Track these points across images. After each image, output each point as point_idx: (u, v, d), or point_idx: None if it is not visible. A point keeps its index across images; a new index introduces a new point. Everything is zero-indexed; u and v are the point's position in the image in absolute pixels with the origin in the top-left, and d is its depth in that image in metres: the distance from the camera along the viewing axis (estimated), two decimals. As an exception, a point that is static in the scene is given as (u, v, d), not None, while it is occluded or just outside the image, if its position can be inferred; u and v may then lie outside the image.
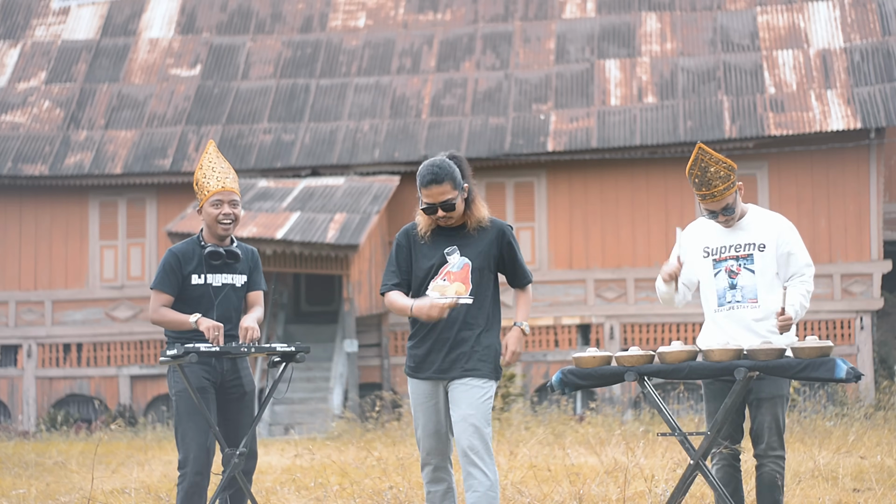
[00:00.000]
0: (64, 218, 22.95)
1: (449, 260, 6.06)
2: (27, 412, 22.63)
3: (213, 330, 6.45)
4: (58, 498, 9.99)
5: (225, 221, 6.66)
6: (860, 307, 20.91)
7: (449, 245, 6.07)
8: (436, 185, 5.97)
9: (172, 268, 6.61)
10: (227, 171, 6.75)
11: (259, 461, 11.60)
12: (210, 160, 6.71)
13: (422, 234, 6.10)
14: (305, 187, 21.80)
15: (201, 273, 6.65)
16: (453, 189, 6.00)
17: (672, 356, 6.10)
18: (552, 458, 11.99)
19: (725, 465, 6.48)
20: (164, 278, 6.61)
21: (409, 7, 24.09)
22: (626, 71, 22.33)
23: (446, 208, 5.99)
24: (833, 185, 21.21)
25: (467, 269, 6.03)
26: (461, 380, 5.99)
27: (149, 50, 24.23)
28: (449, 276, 6.04)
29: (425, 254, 6.09)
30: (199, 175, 6.70)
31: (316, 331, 22.17)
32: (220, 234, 6.69)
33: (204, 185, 6.66)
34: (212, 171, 6.68)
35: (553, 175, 21.87)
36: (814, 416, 16.26)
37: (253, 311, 6.79)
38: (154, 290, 6.62)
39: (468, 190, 6.09)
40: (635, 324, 21.43)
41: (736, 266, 6.39)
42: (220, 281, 6.70)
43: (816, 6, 22.54)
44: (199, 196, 6.70)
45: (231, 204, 6.67)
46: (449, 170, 6.00)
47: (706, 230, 6.52)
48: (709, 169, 6.26)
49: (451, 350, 6.01)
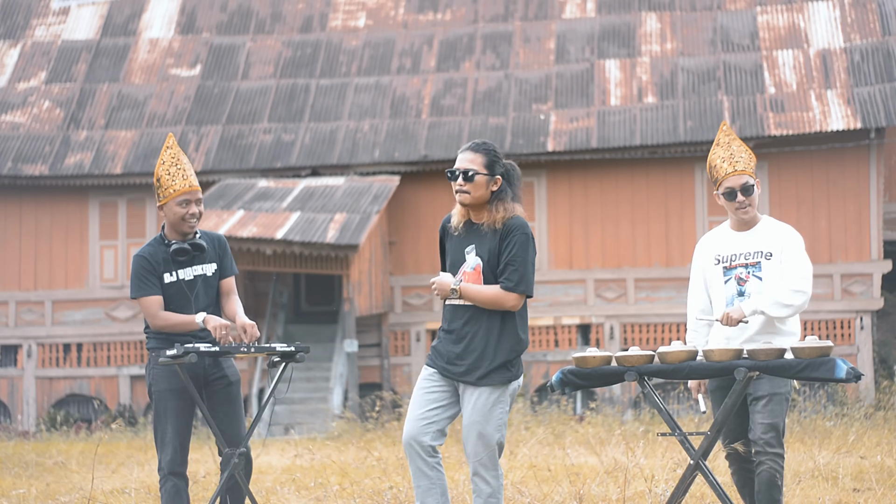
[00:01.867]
0: (64, 218, 22.95)
1: (467, 258, 6.01)
2: (27, 412, 22.63)
3: (222, 329, 6.42)
4: (58, 498, 9.98)
5: (192, 220, 6.63)
6: (860, 307, 20.91)
7: (469, 243, 6.01)
8: (469, 152, 5.97)
9: (146, 270, 6.57)
10: (190, 167, 6.68)
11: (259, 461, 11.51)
12: (173, 156, 6.63)
13: (455, 225, 6.05)
14: (305, 187, 21.80)
15: (171, 271, 6.62)
16: (482, 165, 5.94)
17: (672, 356, 6.10)
18: (552, 458, 11.99)
19: (738, 467, 6.46)
20: (144, 282, 6.55)
21: (409, 7, 24.09)
22: (626, 71, 22.33)
23: (466, 177, 5.92)
24: (833, 185, 21.21)
25: (479, 269, 5.96)
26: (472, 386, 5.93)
27: (149, 50, 24.22)
28: (465, 275, 5.98)
29: (455, 247, 6.05)
30: (162, 171, 6.60)
31: (316, 331, 22.16)
32: (185, 232, 6.66)
33: (169, 184, 6.58)
34: (176, 168, 6.60)
35: (553, 175, 21.87)
36: (814, 416, 16.26)
37: (237, 304, 6.74)
38: (140, 299, 6.55)
39: (500, 185, 5.98)
40: (635, 324, 21.43)
41: (745, 273, 6.40)
42: (191, 274, 6.66)
43: (816, 6, 22.53)
44: (161, 194, 6.60)
45: (197, 202, 6.64)
46: (489, 147, 5.99)
47: (718, 239, 6.56)
48: (732, 144, 6.44)
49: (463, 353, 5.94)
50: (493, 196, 5.97)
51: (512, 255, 5.90)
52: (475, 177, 5.93)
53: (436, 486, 5.91)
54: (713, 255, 6.52)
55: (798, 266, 6.32)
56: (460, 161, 5.97)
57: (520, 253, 5.91)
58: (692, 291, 6.62)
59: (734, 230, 6.52)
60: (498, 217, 5.94)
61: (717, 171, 6.42)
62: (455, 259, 6.03)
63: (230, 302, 6.76)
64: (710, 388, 6.53)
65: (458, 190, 5.95)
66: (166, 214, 6.63)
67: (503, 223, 5.94)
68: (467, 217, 6.03)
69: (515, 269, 5.89)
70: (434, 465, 5.93)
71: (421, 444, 5.89)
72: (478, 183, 5.93)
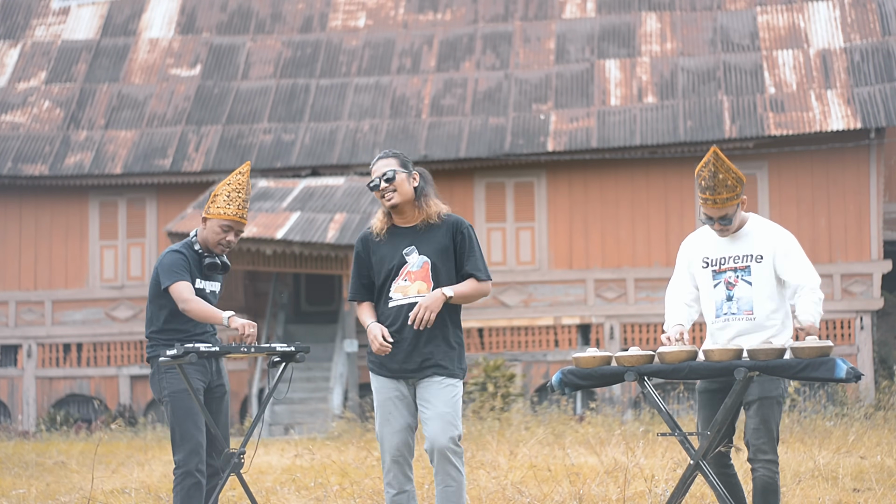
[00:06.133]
0: (64, 218, 22.95)
1: (408, 259, 6.13)
2: (27, 412, 22.63)
3: (249, 327, 6.47)
4: (58, 498, 9.99)
5: (225, 246, 6.78)
6: (860, 307, 20.91)
7: (406, 244, 6.15)
8: (381, 160, 6.18)
9: (183, 265, 6.68)
10: (248, 201, 6.83)
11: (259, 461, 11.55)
12: (240, 183, 6.76)
13: (377, 232, 6.20)
14: (305, 187, 21.80)
15: (198, 279, 6.75)
16: (398, 165, 6.16)
17: (672, 356, 6.09)
18: (552, 458, 11.99)
19: (716, 472, 6.41)
20: (181, 270, 6.65)
21: (409, 7, 24.09)
22: (626, 71, 22.33)
23: (387, 179, 6.10)
24: (833, 185, 21.21)
25: (427, 267, 6.10)
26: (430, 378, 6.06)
27: (149, 50, 24.23)
28: (409, 275, 6.12)
29: (384, 255, 6.17)
30: (223, 192, 6.74)
31: (316, 331, 22.17)
32: (215, 253, 6.81)
33: (223, 206, 6.71)
34: (237, 194, 6.74)
35: (553, 175, 21.87)
36: (814, 416, 16.26)
37: None
38: (174, 284, 6.60)
39: (419, 180, 6.19)
40: (635, 324, 21.43)
41: (734, 278, 6.36)
42: (209, 288, 6.84)
43: (816, 6, 22.53)
44: (212, 208, 6.74)
45: (237, 234, 6.79)
46: (397, 152, 6.25)
47: (706, 241, 6.49)
48: (718, 175, 6.21)
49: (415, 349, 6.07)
50: (416, 193, 6.17)
51: (469, 249, 6.16)
52: (396, 176, 6.13)
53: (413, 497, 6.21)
54: (701, 257, 6.45)
55: (802, 264, 6.32)
56: (376, 171, 6.19)
57: (475, 245, 6.19)
58: (676, 279, 6.55)
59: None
60: (432, 212, 6.17)
61: (700, 191, 6.31)
62: (392, 264, 6.14)
63: None
64: (698, 390, 6.50)
65: (384, 194, 6.14)
66: (206, 227, 6.77)
67: (441, 219, 6.16)
68: (390, 223, 6.20)
69: (477, 260, 6.16)
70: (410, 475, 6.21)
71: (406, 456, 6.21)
72: (399, 181, 6.13)
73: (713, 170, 6.22)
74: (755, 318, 6.28)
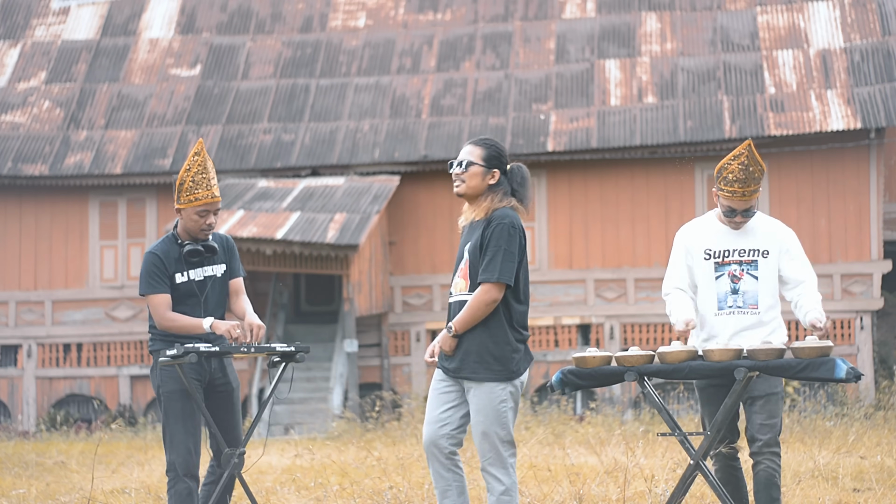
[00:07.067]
0: (64, 218, 22.95)
1: (463, 255, 6.02)
2: (27, 412, 22.63)
3: (235, 329, 6.41)
4: (58, 498, 9.99)
5: (207, 230, 6.64)
6: (860, 307, 20.91)
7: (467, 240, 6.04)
8: (470, 145, 6.03)
9: (158, 268, 6.56)
10: (214, 176, 6.67)
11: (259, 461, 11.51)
12: (201, 164, 6.60)
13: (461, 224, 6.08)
14: (305, 187, 21.80)
15: (183, 271, 6.62)
16: (480, 157, 5.97)
17: (672, 356, 6.10)
18: (552, 458, 11.99)
19: (723, 465, 6.47)
20: (155, 280, 6.54)
21: (409, 7, 24.09)
22: (626, 71, 22.33)
23: (460, 164, 5.96)
24: (833, 185, 21.21)
25: (467, 265, 5.97)
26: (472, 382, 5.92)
27: (149, 50, 24.22)
28: (461, 272, 6.01)
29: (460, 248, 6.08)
30: (187, 177, 6.56)
31: (316, 331, 22.16)
32: (199, 238, 6.67)
33: (192, 191, 6.56)
34: (202, 176, 6.58)
35: (553, 175, 21.87)
36: (814, 416, 16.26)
37: (246, 304, 6.75)
38: (149, 295, 6.53)
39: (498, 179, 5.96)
40: (635, 324, 21.43)
41: (739, 271, 6.37)
42: (201, 275, 6.67)
43: (816, 6, 22.53)
44: (181, 198, 6.57)
45: (215, 213, 6.64)
46: (490, 142, 6.02)
47: (707, 232, 6.48)
48: (749, 167, 6.25)
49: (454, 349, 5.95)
50: (488, 189, 5.96)
51: (488, 246, 5.84)
52: (471, 166, 5.95)
53: (452, 487, 5.97)
54: (703, 248, 6.44)
55: (805, 262, 6.42)
56: (461, 153, 6.03)
57: (495, 242, 5.82)
58: (674, 270, 6.54)
59: (725, 224, 6.47)
60: (490, 208, 5.92)
61: (726, 184, 6.29)
62: (458, 258, 6.05)
63: (239, 301, 6.78)
64: (698, 386, 6.51)
65: (455, 179, 6.00)
66: (184, 219, 6.61)
67: (488, 215, 5.91)
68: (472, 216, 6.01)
69: (491, 259, 5.81)
70: (451, 467, 5.98)
71: (439, 448, 5.96)
72: (472, 173, 5.95)
73: (745, 163, 6.25)
74: (759, 313, 6.31)
